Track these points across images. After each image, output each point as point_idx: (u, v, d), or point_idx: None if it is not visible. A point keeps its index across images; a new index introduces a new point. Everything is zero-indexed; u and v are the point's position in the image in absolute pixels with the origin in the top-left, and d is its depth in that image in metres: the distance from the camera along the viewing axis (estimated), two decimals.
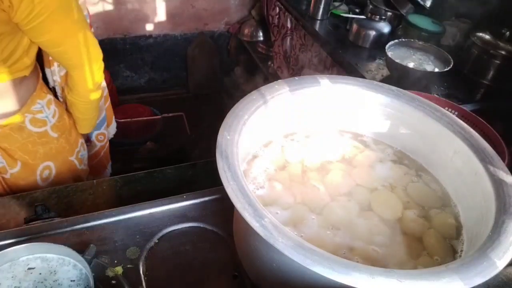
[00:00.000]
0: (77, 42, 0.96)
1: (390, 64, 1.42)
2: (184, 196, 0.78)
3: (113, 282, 0.62)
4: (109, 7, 2.45)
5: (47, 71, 1.14)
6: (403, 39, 1.49)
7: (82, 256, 0.59)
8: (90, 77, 1.05)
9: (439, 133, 0.66)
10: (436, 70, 1.39)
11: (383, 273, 0.42)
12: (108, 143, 1.43)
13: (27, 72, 0.97)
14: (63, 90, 1.15)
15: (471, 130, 0.64)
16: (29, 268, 0.59)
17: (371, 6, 1.75)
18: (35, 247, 0.59)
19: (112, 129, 1.48)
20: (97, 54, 1.05)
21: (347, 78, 0.73)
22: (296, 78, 0.70)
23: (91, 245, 0.63)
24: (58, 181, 1.15)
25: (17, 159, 1.03)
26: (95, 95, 1.11)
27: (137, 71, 2.80)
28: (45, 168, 1.10)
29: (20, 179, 1.06)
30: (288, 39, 2.13)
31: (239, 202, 0.47)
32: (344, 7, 1.96)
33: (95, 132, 1.32)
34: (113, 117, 1.46)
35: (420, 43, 1.48)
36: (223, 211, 0.75)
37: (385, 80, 1.47)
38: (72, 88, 1.08)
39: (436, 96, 1.22)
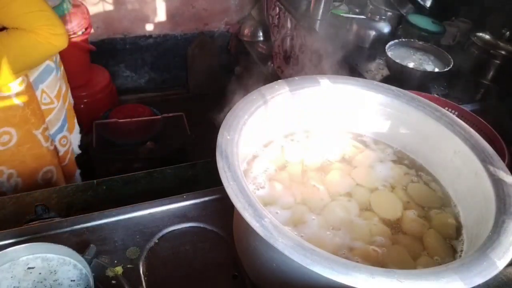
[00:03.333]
0: None
1: (390, 64, 1.42)
2: (184, 196, 0.78)
3: (113, 282, 0.62)
4: (109, 7, 2.45)
5: None
6: (403, 39, 1.49)
7: (82, 256, 0.59)
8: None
9: (439, 133, 0.66)
10: (436, 70, 1.39)
11: (383, 273, 0.42)
12: (72, 150, 1.40)
13: None
14: None
15: (471, 130, 0.64)
16: (29, 268, 0.59)
17: (371, 6, 1.75)
18: (35, 247, 0.59)
19: (75, 138, 1.43)
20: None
21: (347, 78, 0.73)
22: (296, 78, 0.70)
23: (91, 245, 0.63)
24: (18, 151, 1.14)
25: None
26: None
27: (137, 71, 2.80)
28: (5, 133, 1.09)
29: None
30: (288, 39, 2.13)
31: (239, 202, 0.47)
32: (344, 7, 1.96)
33: (58, 136, 1.28)
34: (76, 124, 1.42)
35: (420, 43, 1.48)
36: (223, 211, 0.75)
37: (385, 80, 1.47)
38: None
39: (436, 96, 1.22)
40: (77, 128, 1.44)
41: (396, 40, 1.47)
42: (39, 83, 1.17)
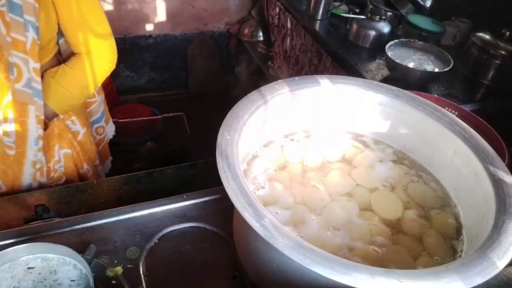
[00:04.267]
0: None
1: (390, 64, 1.42)
2: (184, 196, 0.78)
3: (113, 282, 0.62)
4: (109, 7, 2.45)
5: None
6: (403, 39, 1.49)
7: (82, 256, 0.59)
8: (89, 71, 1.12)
9: (439, 133, 0.66)
10: (436, 70, 1.39)
11: (383, 273, 0.42)
12: (107, 139, 1.50)
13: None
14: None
15: (471, 130, 0.64)
16: (29, 268, 0.59)
17: (371, 6, 1.75)
18: (35, 247, 0.59)
19: (110, 129, 1.53)
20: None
21: (347, 78, 0.73)
22: (296, 78, 0.70)
23: (91, 245, 0.63)
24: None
25: (83, 121, 1.19)
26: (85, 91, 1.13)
27: (137, 71, 2.80)
28: (98, 127, 1.33)
29: (87, 137, 1.21)
30: (288, 39, 2.13)
31: (239, 202, 0.47)
32: (344, 7, 1.96)
33: (95, 125, 1.38)
34: (111, 118, 1.51)
35: (420, 43, 1.48)
36: (223, 211, 0.75)
37: (385, 80, 1.47)
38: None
39: (436, 96, 1.22)
40: (110, 119, 1.57)
41: (396, 40, 1.47)
42: None
